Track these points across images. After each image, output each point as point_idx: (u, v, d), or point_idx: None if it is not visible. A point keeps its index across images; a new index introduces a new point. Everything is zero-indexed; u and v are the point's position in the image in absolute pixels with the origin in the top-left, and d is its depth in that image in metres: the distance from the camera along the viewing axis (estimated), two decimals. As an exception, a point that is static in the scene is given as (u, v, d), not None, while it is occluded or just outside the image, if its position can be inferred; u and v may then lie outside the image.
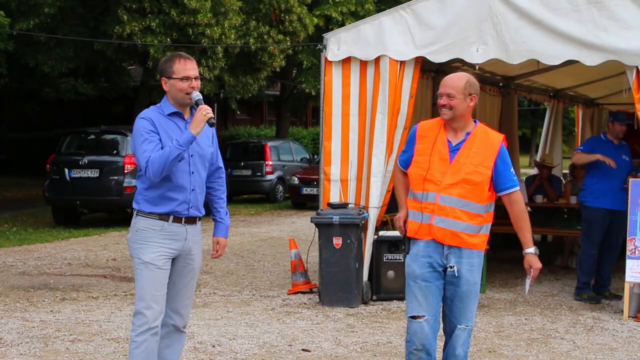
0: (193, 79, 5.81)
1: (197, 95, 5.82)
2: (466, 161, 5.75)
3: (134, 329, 5.82)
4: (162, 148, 5.68)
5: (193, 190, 5.87)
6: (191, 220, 5.91)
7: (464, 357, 5.92)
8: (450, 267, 5.79)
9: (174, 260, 5.90)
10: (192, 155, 5.83)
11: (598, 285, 10.91)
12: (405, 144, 6.11)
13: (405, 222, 5.97)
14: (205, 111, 5.70)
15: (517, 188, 5.87)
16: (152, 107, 5.95)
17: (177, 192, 5.81)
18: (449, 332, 5.95)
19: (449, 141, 5.82)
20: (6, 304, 10.41)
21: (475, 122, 5.90)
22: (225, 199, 6.24)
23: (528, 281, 5.90)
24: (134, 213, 5.91)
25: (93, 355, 7.94)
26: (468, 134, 5.83)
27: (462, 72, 6.03)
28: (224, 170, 6.23)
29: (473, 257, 5.81)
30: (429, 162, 5.80)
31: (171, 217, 5.82)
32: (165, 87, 5.89)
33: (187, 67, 5.81)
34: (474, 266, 5.81)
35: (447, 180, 5.74)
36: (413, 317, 5.86)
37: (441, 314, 5.97)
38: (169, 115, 5.85)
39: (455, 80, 5.81)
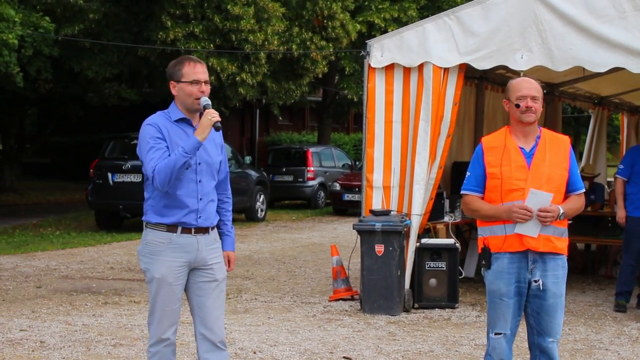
0: (203, 83, 5.54)
1: (205, 100, 5.53)
2: (544, 164, 5.67)
3: (149, 340, 5.71)
4: (169, 155, 5.43)
5: (201, 199, 5.57)
6: (202, 230, 5.63)
7: None
8: (535, 282, 5.68)
9: (193, 272, 5.65)
10: (199, 163, 5.55)
11: (643, 295, 10.80)
12: (470, 166, 5.86)
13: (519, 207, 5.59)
14: (212, 115, 5.42)
15: (584, 190, 5.84)
16: (158, 112, 5.68)
17: (184, 201, 5.53)
18: (536, 344, 5.83)
19: (521, 148, 5.72)
20: (49, 307, 10.49)
21: (538, 126, 5.84)
22: (232, 210, 5.94)
23: (541, 199, 5.56)
24: (144, 225, 5.68)
25: (135, 359, 7.97)
26: (538, 137, 5.77)
27: (528, 77, 5.94)
28: (228, 180, 5.92)
29: (558, 269, 5.69)
30: (503, 172, 5.67)
31: (179, 228, 5.55)
32: (173, 92, 5.60)
33: (196, 70, 5.54)
34: (559, 278, 5.70)
35: (529, 186, 5.62)
36: (496, 334, 5.81)
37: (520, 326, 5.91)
38: (176, 121, 5.58)
39: (536, 84, 5.77)
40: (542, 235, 5.63)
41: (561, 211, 5.61)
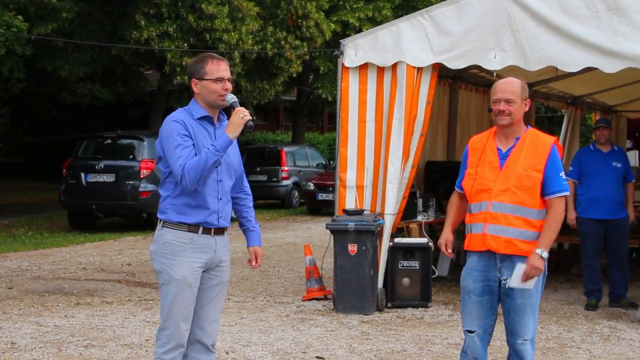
0: (226, 81, 5.47)
1: (232, 97, 5.47)
2: (516, 165, 5.64)
3: (160, 346, 5.50)
4: (196, 154, 5.35)
5: (220, 199, 5.52)
6: (220, 231, 5.59)
7: None
8: (504, 280, 5.67)
9: (203, 274, 5.57)
10: (220, 163, 5.46)
11: (613, 294, 10.83)
12: (461, 166, 5.98)
13: (446, 246, 5.87)
14: (243, 114, 5.33)
15: (566, 194, 5.71)
16: (180, 109, 5.56)
17: (206, 201, 5.45)
18: (510, 344, 5.85)
19: (498, 149, 5.73)
20: (20, 308, 10.40)
21: (527, 126, 5.80)
22: (253, 207, 5.96)
23: (518, 274, 5.60)
24: (159, 224, 5.53)
25: (106, 360, 7.92)
26: (518, 138, 5.72)
27: (512, 77, 5.86)
28: (244, 177, 5.90)
29: None
30: (478, 172, 5.72)
31: (201, 229, 5.47)
32: (195, 90, 5.51)
33: (220, 68, 5.48)
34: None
35: (497, 187, 5.63)
36: (467, 331, 5.83)
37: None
38: (199, 119, 5.48)
39: (515, 85, 5.70)
40: (503, 237, 5.64)
41: (539, 252, 5.56)
